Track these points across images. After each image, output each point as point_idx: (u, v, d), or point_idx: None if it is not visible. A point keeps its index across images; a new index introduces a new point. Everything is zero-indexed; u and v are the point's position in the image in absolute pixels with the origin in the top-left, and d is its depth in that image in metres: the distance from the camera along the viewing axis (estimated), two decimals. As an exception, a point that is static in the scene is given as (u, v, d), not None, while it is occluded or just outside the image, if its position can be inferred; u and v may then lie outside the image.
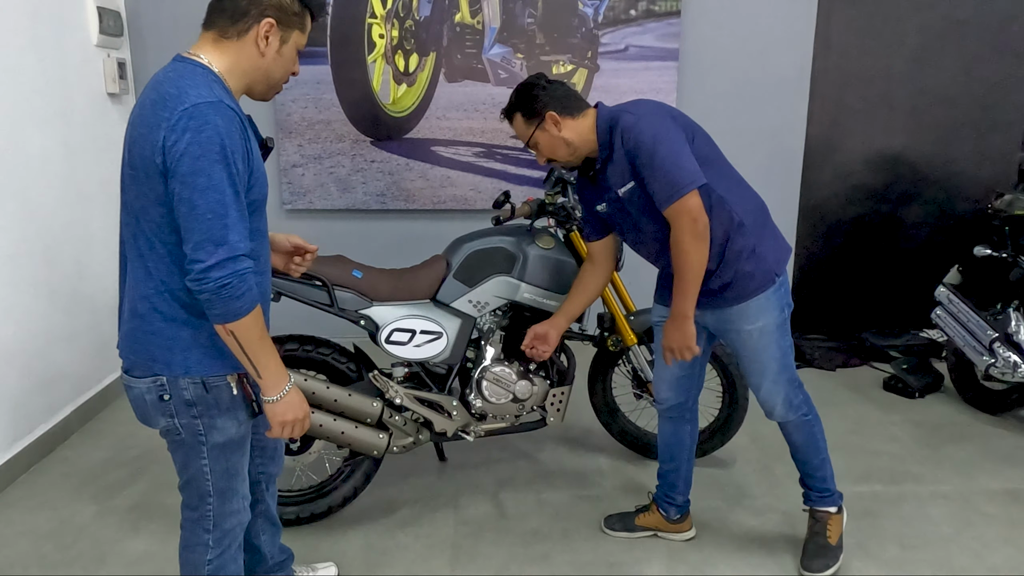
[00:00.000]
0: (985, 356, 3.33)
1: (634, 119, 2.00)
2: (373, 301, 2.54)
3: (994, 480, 2.94)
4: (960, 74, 4.24)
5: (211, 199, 1.40)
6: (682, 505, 2.52)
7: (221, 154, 1.40)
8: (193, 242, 1.41)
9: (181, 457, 1.65)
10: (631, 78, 4.10)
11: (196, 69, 1.48)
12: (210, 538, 1.71)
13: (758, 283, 2.11)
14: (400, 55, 4.02)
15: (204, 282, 1.41)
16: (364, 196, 4.17)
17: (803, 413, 2.28)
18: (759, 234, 2.13)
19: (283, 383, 1.57)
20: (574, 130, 2.13)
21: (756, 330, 2.15)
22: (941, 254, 4.36)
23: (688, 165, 1.97)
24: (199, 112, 1.40)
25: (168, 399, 1.57)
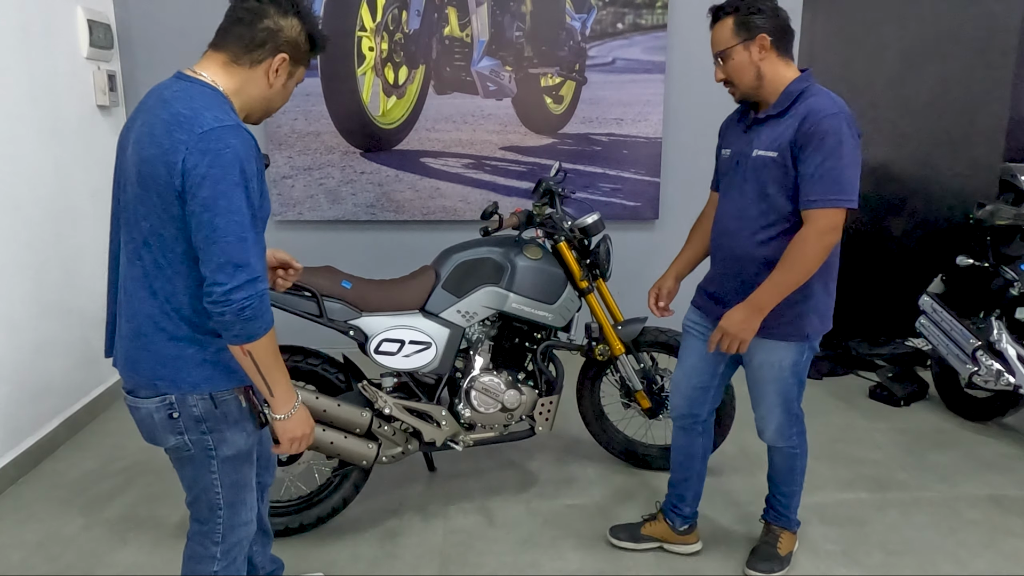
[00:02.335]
0: (968, 364, 3.37)
1: (836, 111, 1.91)
2: (362, 311, 2.56)
3: (977, 487, 2.97)
4: (942, 85, 4.31)
5: (232, 222, 1.41)
6: (689, 517, 2.50)
7: (241, 177, 1.42)
8: (214, 264, 1.42)
9: (190, 473, 1.65)
10: (618, 90, 4.15)
11: (206, 90, 1.49)
12: (218, 550, 1.71)
13: (790, 332, 2.08)
14: (390, 68, 4.05)
15: (226, 304, 1.42)
16: (354, 207, 4.19)
17: (792, 445, 2.29)
18: (823, 290, 2.09)
19: (292, 400, 1.59)
20: (773, 68, 2.01)
21: (769, 364, 2.15)
22: (925, 264, 4.41)
23: (854, 185, 1.91)
24: (219, 135, 1.41)
25: (177, 417, 1.57)
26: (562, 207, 2.86)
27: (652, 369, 2.95)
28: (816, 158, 1.90)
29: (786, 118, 1.98)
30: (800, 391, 2.21)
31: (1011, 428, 3.53)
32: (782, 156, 1.97)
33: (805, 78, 2.01)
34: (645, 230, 4.40)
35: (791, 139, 1.94)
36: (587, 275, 2.82)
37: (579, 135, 4.20)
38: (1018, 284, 3.28)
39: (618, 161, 4.24)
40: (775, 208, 2.01)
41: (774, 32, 1.98)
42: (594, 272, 2.86)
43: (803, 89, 1.98)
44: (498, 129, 4.16)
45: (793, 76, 2.01)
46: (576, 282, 2.79)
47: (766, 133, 2.02)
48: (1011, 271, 3.34)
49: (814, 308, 2.08)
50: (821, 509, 2.79)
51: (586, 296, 2.83)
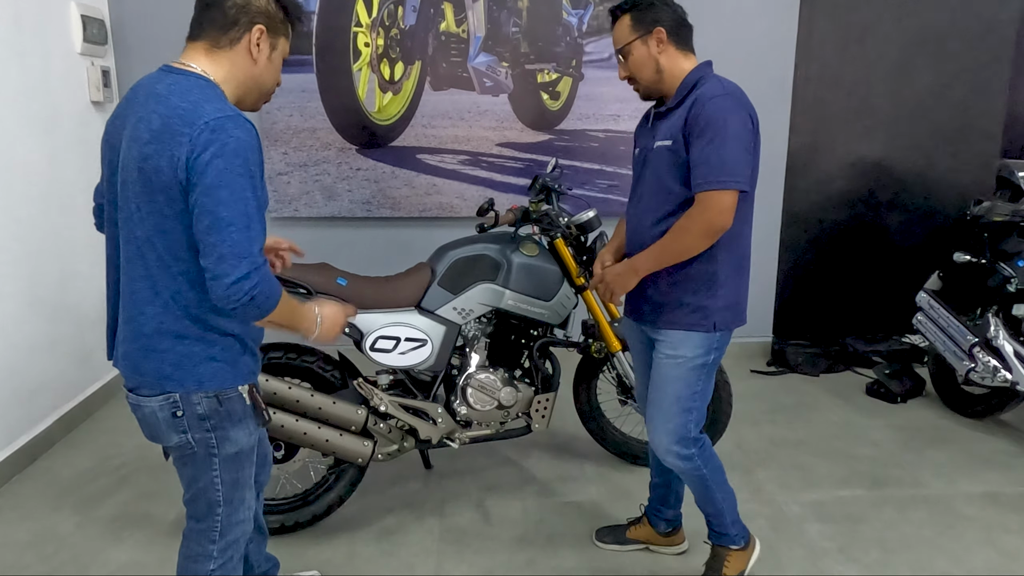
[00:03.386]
0: (965, 361, 3.36)
1: (722, 92, 1.91)
2: (358, 309, 2.55)
3: (974, 483, 2.97)
4: (940, 82, 4.30)
5: (237, 212, 1.41)
6: (672, 520, 2.47)
7: (245, 167, 1.42)
8: (216, 255, 1.41)
9: (191, 471, 1.64)
10: (615, 87, 4.13)
11: (199, 82, 1.48)
12: (215, 548, 1.71)
13: (695, 321, 2.04)
14: (385, 63, 4.03)
15: (235, 295, 1.42)
16: (350, 204, 4.17)
17: (693, 466, 2.14)
18: (731, 280, 2.05)
19: (314, 317, 1.65)
20: (672, 60, 2.01)
21: (670, 359, 2.08)
22: (922, 260, 4.41)
23: (743, 167, 1.90)
24: (221, 126, 1.40)
25: (181, 415, 1.56)
26: (558, 203, 2.84)
27: (649, 366, 2.94)
28: (701, 142, 1.89)
29: (681, 108, 1.98)
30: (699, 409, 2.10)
31: (1008, 425, 3.53)
32: (675, 144, 1.97)
33: (701, 68, 2.02)
34: (642, 227, 4.38)
35: (681, 126, 1.95)
36: (583, 272, 2.81)
37: (576, 131, 4.19)
38: (1015, 280, 3.28)
39: (615, 157, 4.22)
40: (672, 196, 2.00)
41: (670, 25, 2.00)
42: (590, 269, 2.85)
43: (698, 79, 1.99)
44: (494, 125, 4.14)
45: (689, 67, 2.02)
46: (572, 279, 2.78)
47: (665, 125, 2.03)
48: (1008, 267, 3.33)
49: (722, 297, 2.03)
50: (818, 506, 2.78)
51: (582, 293, 2.82)
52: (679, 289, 2.04)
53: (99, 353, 3.68)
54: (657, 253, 1.98)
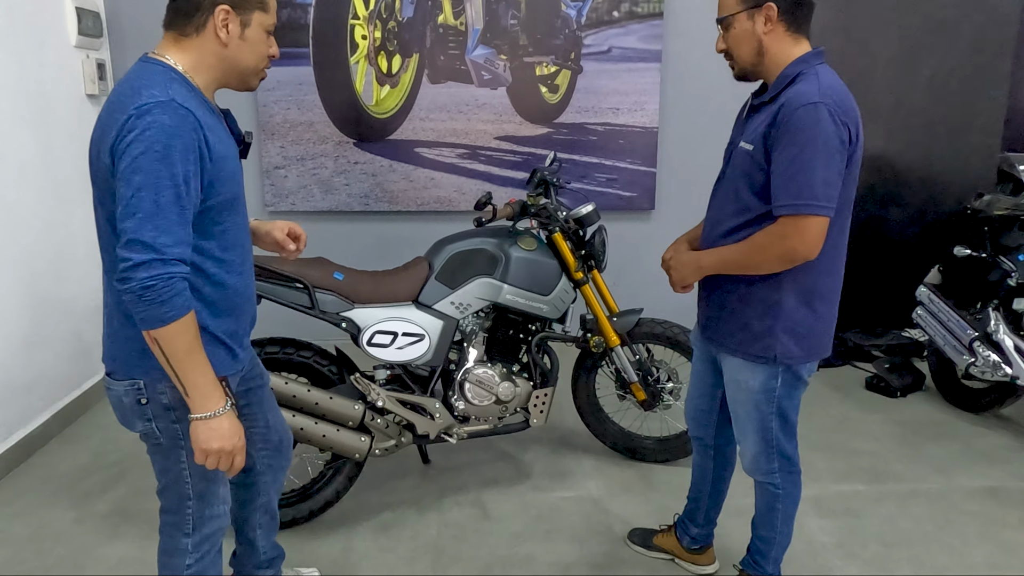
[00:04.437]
0: (965, 355, 3.35)
1: (816, 98, 1.67)
2: (354, 303, 2.53)
3: (974, 478, 2.96)
4: (941, 75, 4.28)
5: (145, 199, 1.36)
6: (696, 537, 2.35)
7: (163, 153, 1.37)
8: (124, 239, 1.37)
9: (160, 461, 1.63)
10: (614, 79, 4.11)
11: (156, 68, 1.46)
12: (189, 542, 1.69)
13: (756, 351, 1.89)
14: (383, 56, 4.01)
15: (127, 282, 1.36)
16: (347, 198, 4.16)
17: (773, 483, 2.05)
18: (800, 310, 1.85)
19: (210, 406, 1.47)
20: (778, 44, 1.78)
21: (736, 384, 1.97)
22: (922, 254, 4.40)
23: (832, 190, 1.69)
24: (146, 111, 1.37)
25: (146, 403, 1.55)
26: (557, 197, 2.83)
27: (648, 361, 2.93)
28: (785, 156, 1.68)
29: (773, 105, 1.76)
30: (784, 427, 1.97)
31: (1008, 419, 3.52)
32: (756, 150, 1.77)
33: (806, 59, 1.77)
34: (641, 221, 4.37)
35: (765, 131, 1.74)
36: (582, 266, 2.79)
37: (575, 124, 4.17)
38: (1016, 274, 3.26)
39: (614, 151, 4.20)
40: (745, 209, 1.82)
41: (785, 2, 1.75)
42: (589, 263, 2.83)
43: (798, 72, 1.75)
44: (493, 119, 4.12)
45: (797, 56, 1.78)
46: (571, 273, 2.76)
47: (754, 122, 1.82)
48: (1009, 261, 3.32)
49: (785, 328, 1.84)
50: (817, 501, 2.77)
51: (581, 287, 2.80)
52: (745, 311, 1.88)
53: (96, 347, 3.66)
54: (726, 257, 1.84)
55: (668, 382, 2.94)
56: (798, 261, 1.74)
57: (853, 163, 1.76)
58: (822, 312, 1.87)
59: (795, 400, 1.97)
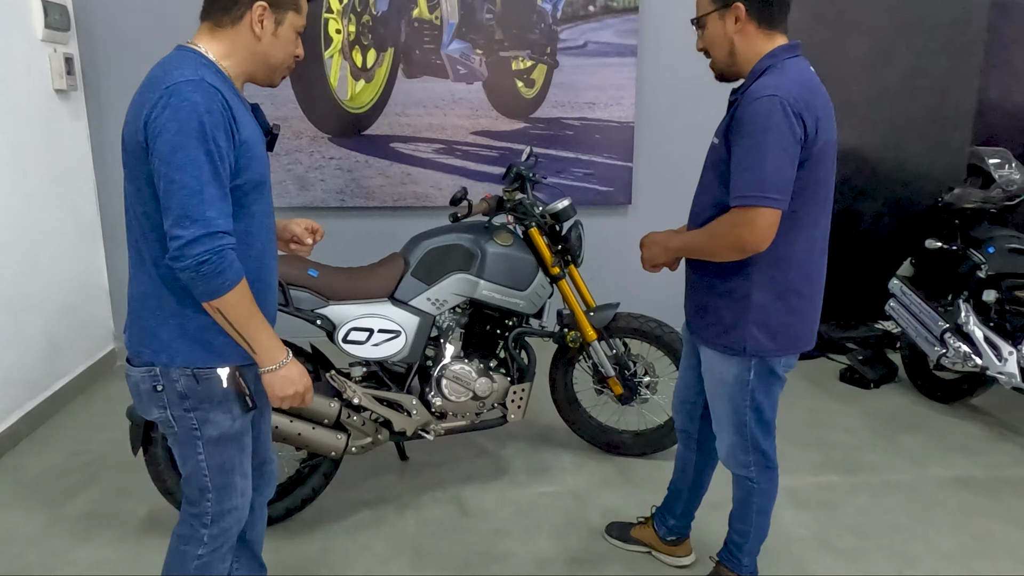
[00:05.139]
0: (937, 347, 3.40)
1: (771, 92, 1.67)
2: (329, 300, 2.51)
3: (946, 468, 3.00)
4: (912, 70, 4.33)
5: (188, 175, 1.41)
6: (673, 528, 2.37)
7: (199, 131, 1.42)
8: (172, 218, 1.42)
9: (179, 451, 1.66)
10: (591, 74, 4.11)
11: (188, 54, 1.51)
12: (206, 534, 1.70)
13: (727, 342, 1.91)
14: (357, 50, 3.98)
15: (183, 259, 1.42)
16: (323, 193, 4.12)
17: (748, 476, 2.06)
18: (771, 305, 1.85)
19: (279, 356, 1.57)
20: (748, 42, 1.79)
21: (711, 375, 2.00)
22: (895, 247, 4.45)
23: (784, 183, 1.69)
24: (178, 90, 1.42)
25: (161, 390, 1.57)
26: (533, 192, 2.82)
27: (624, 355, 2.93)
28: (740, 148, 1.70)
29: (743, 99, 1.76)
30: (759, 422, 1.98)
31: (978, 409, 3.58)
32: (720, 143, 1.80)
33: (775, 53, 1.77)
34: (618, 215, 4.38)
35: (727, 124, 1.77)
36: (559, 261, 2.79)
37: (551, 119, 4.16)
38: (985, 267, 3.31)
39: (590, 146, 4.20)
40: (719, 200, 1.83)
41: (753, 1, 1.76)
42: (566, 258, 2.83)
43: (766, 67, 1.75)
44: (469, 113, 4.11)
45: (766, 52, 1.78)
46: (547, 268, 2.76)
47: (725, 117, 1.83)
48: (978, 254, 3.37)
49: (755, 320, 1.85)
50: (792, 493, 2.80)
51: (558, 282, 2.80)
52: (717, 303, 1.91)
53: (68, 346, 3.60)
54: (688, 241, 1.89)
55: (645, 376, 2.95)
56: (748, 251, 1.76)
57: (822, 158, 1.76)
58: (796, 306, 1.87)
59: (771, 396, 1.98)
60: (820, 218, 1.85)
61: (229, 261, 1.45)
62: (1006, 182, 3.43)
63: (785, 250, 1.80)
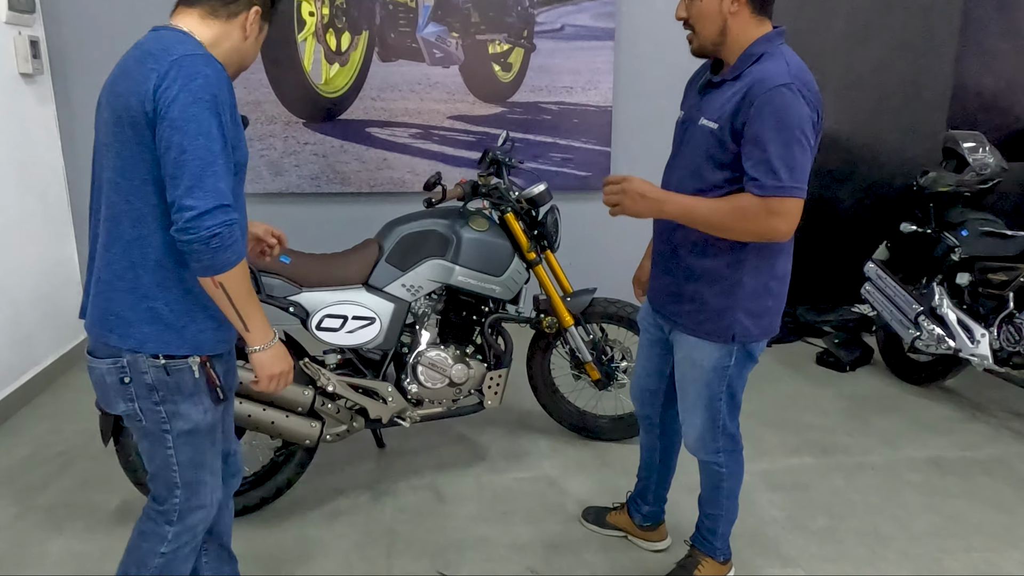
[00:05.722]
0: (911, 329, 3.43)
1: (787, 80, 1.66)
2: (302, 287, 2.48)
3: (918, 449, 3.04)
4: (888, 54, 4.34)
5: (202, 146, 1.40)
6: (647, 515, 2.37)
7: (212, 103, 1.42)
8: (183, 187, 1.40)
9: (147, 446, 1.62)
10: (568, 58, 4.08)
11: (179, 35, 1.50)
12: (171, 531, 1.66)
13: (711, 329, 1.88)
14: (331, 33, 3.92)
15: (195, 231, 1.39)
16: (298, 179, 4.07)
17: (716, 462, 2.05)
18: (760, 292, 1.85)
19: (269, 335, 1.57)
20: (742, 26, 1.76)
21: (689, 361, 1.96)
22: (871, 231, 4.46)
23: (807, 172, 1.70)
24: (189, 62, 1.42)
25: (128, 382, 1.54)
26: (509, 177, 2.80)
27: (602, 340, 2.93)
28: (766, 138, 1.67)
29: (738, 85, 1.74)
30: (731, 405, 1.99)
31: (951, 391, 3.62)
32: (722, 130, 1.75)
33: (769, 38, 1.76)
34: (596, 200, 4.34)
35: (733, 109, 1.72)
36: (535, 246, 2.78)
37: (528, 104, 4.13)
38: (959, 250, 3.34)
39: (568, 130, 4.18)
40: (712, 185, 1.80)
41: None
42: (542, 243, 2.82)
43: (762, 52, 1.74)
44: (445, 98, 4.07)
45: (758, 36, 1.77)
46: (524, 253, 2.75)
47: (715, 99, 1.79)
48: (952, 237, 3.39)
49: (745, 308, 1.85)
50: (767, 475, 2.82)
51: (534, 268, 2.79)
52: (704, 289, 1.87)
53: (38, 338, 3.54)
54: (695, 210, 1.76)
55: (623, 361, 2.95)
56: (770, 240, 1.76)
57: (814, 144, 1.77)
58: (778, 292, 1.90)
59: (744, 378, 1.99)
60: None
61: (237, 235, 1.45)
62: (980, 166, 3.44)
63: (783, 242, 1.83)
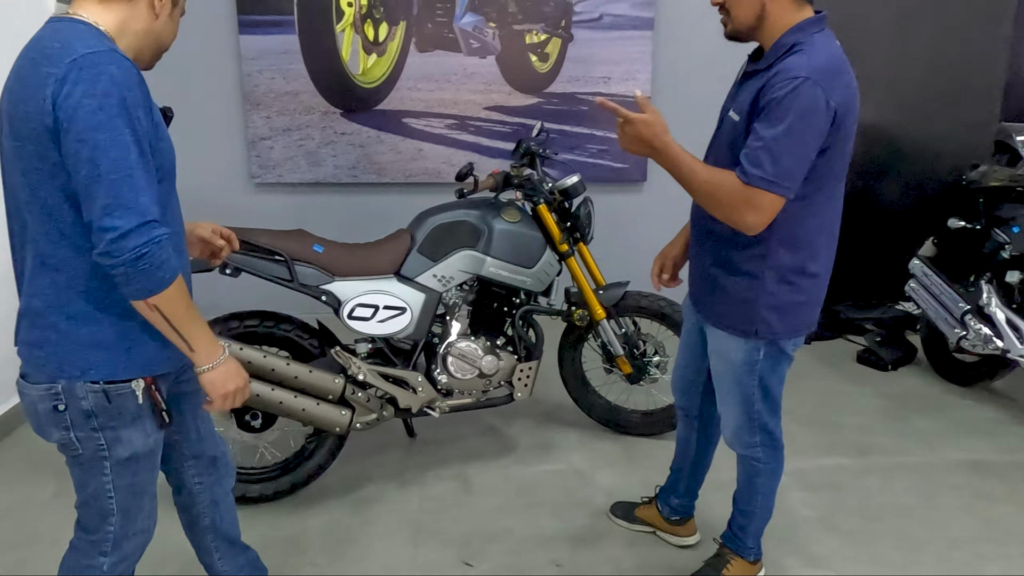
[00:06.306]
0: (957, 328, 3.32)
1: (804, 75, 1.60)
2: (335, 276, 2.51)
3: (959, 451, 2.95)
4: (938, 42, 4.19)
5: (115, 158, 1.25)
6: (677, 508, 2.35)
7: (121, 107, 1.26)
8: (99, 207, 1.26)
9: (79, 475, 1.48)
10: (606, 48, 4.03)
11: (79, 26, 1.33)
12: (106, 562, 1.53)
13: (734, 323, 1.86)
14: (369, 24, 3.93)
15: (119, 253, 1.26)
16: (334, 169, 4.11)
17: (755, 457, 2.03)
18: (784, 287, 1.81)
19: (217, 352, 1.45)
20: (781, 9, 1.69)
21: (718, 355, 1.95)
22: (916, 226, 4.34)
23: (797, 172, 1.65)
24: (91, 61, 1.26)
25: (63, 409, 1.40)
26: (543, 169, 2.78)
27: (634, 334, 2.90)
28: (765, 126, 1.63)
29: (765, 75, 1.68)
30: (768, 402, 1.94)
31: (997, 393, 3.50)
32: (742, 122, 1.71)
33: (803, 27, 1.68)
34: (632, 192, 4.32)
35: (752, 101, 1.69)
36: (567, 238, 2.76)
37: (565, 94, 4.10)
38: (1009, 247, 3.22)
39: (605, 121, 4.14)
40: None
41: None
42: (575, 235, 2.80)
43: (794, 42, 1.67)
44: (482, 88, 4.06)
45: (797, 22, 1.69)
46: (556, 245, 2.73)
47: (745, 91, 1.75)
48: (1003, 233, 3.27)
49: (767, 303, 1.81)
50: (800, 475, 2.76)
51: (566, 260, 2.77)
52: (727, 283, 1.85)
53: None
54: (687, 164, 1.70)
55: (655, 355, 2.92)
56: (737, 228, 1.71)
57: (845, 139, 1.71)
58: (807, 288, 1.84)
59: (779, 374, 1.94)
60: (835, 197, 1.82)
61: (168, 253, 1.32)
62: (1034, 160, 3.32)
63: (800, 231, 1.77)
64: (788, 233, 1.76)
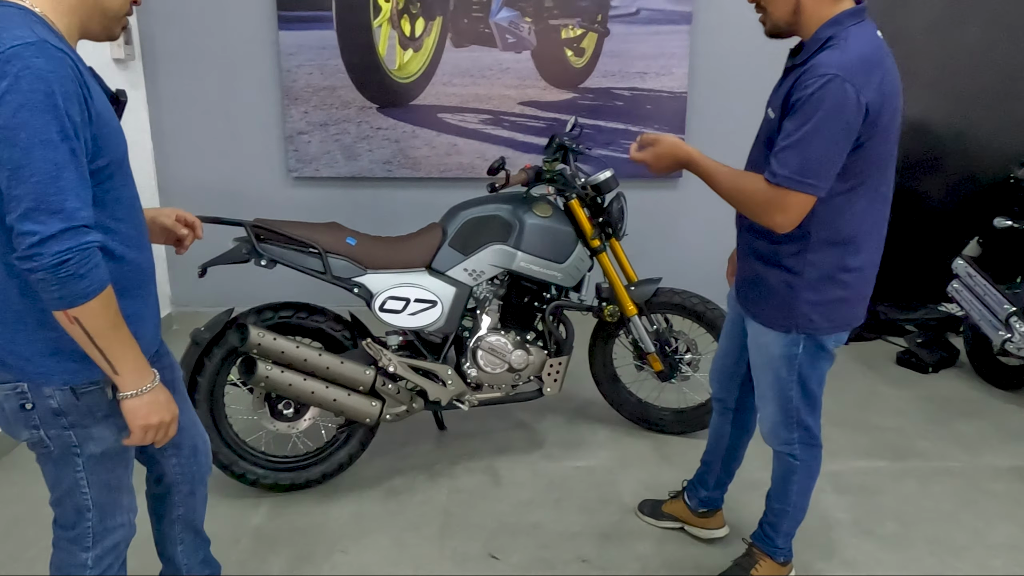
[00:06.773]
0: (1001, 331, 3.24)
1: (834, 72, 1.58)
2: (367, 269, 2.53)
3: (1002, 457, 2.87)
4: (987, 37, 4.08)
5: (39, 157, 1.17)
6: (705, 500, 2.33)
7: (48, 103, 1.18)
8: (21, 210, 1.18)
9: (52, 471, 1.45)
10: (642, 42, 4.00)
11: (8, 11, 1.23)
12: (89, 557, 1.50)
13: (772, 317, 1.86)
14: (406, 19, 3.96)
15: (37, 258, 1.18)
16: (370, 164, 4.14)
17: (791, 453, 2.00)
18: (824, 283, 1.79)
19: (145, 379, 1.36)
20: (816, 2, 1.66)
21: (757, 348, 1.94)
22: (960, 225, 4.23)
23: (826, 170, 1.63)
24: (17, 55, 1.17)
25: (31, 408, 1.36)
26: (576, 163, 2.77)
27: (666, 331, 2.88)
28: (794, 125, 1.62)
29: (800, 70, 1.66)
30: (806, 398, 1.93)
31: (1044, 397, 3.40)
32: (775, 118, 1.71)
33: (840, 20, 1.65)
34: (668, 188, 4.28)
35: (785, 97, 1.67)
36: (599, 234, 2.74)
37: (601, 89, 4.07)
38: (1058, 247, 3.12)
39: (641, 117, 4.11)
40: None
41: None
42: (607, 231, 2.78)
43: (829, 36, 1.64)
44: (517, 83, 4.05)
45: (833, 15, 1.65)
46: (587, 241, 2.72)
47: (781, 87, 1.74)
48: (1051, 234, 3.17)
49: (807, 299, 1.79)
50: (835, 477, 2.71)
51: (598, 255, 2.76)
52: (768, 277, 1.84)
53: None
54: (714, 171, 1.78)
55: (687, 353, 2.89)
56: (767, 228, 1.73)
57: (885, 134, 1.67)
58: (850, 283, 1.80)
59: (819, 371, 1.91)
60: (879, 193, 1.77)
61: (95, 261, 1.23)
62: (1085, 157, 3.21)
63: (842, 224, 1.74)
64: (828, 227, 1.74)
